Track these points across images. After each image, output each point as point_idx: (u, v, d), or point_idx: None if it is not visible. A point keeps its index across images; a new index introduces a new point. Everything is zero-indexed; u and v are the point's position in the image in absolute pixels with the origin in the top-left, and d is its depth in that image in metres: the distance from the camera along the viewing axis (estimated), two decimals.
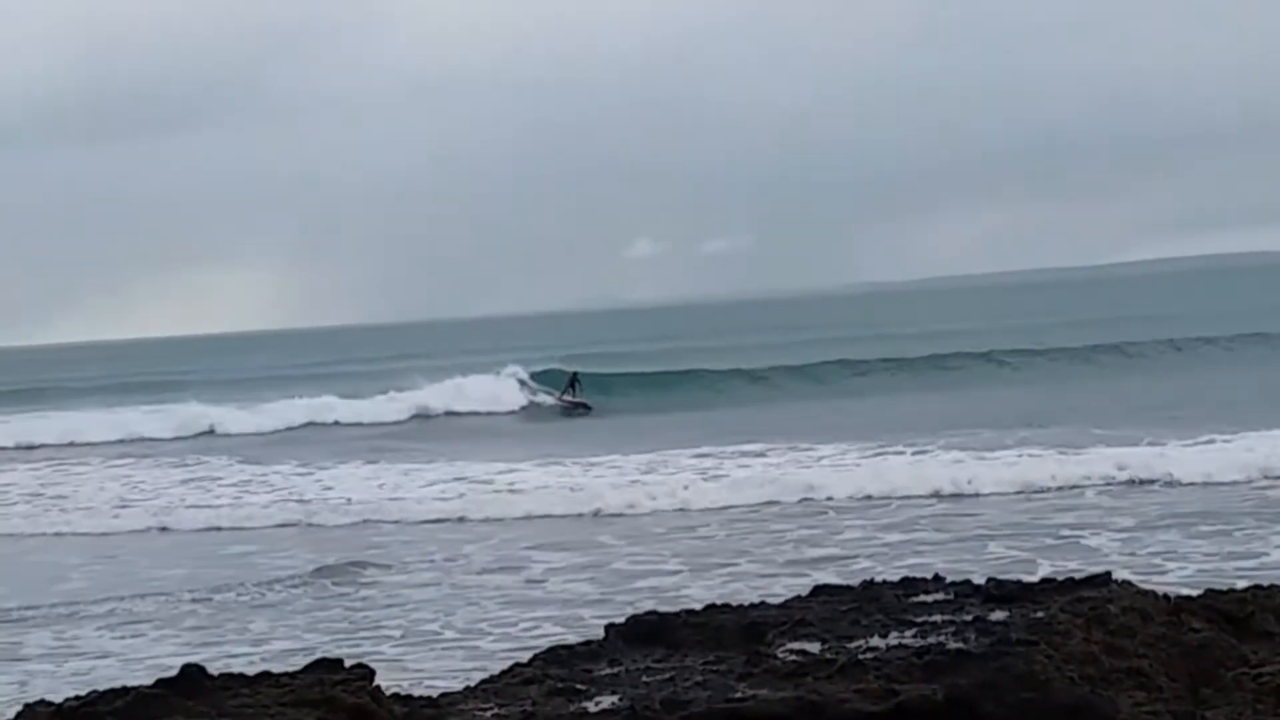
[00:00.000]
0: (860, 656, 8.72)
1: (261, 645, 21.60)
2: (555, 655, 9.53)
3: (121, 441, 60.15)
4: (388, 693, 9.22)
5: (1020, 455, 35.08)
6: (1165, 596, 9.78)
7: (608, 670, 9.15)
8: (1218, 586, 10.68)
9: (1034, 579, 10.28)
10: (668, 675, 8.89)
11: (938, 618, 9.28)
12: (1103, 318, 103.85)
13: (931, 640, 8.86)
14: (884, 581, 10.30)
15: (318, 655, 9.65)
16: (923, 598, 9.82)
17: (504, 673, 9.27)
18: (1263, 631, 9.48)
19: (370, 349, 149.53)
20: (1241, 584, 10.75)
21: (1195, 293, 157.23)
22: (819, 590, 10.29)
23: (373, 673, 9.19)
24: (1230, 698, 8.62)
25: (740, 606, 10.13)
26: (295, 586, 25.88)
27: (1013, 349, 72.65)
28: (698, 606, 10.26)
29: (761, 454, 39.41)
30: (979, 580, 10.17)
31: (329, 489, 38.87)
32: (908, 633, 9.05)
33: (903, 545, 26.05)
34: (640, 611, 10.21)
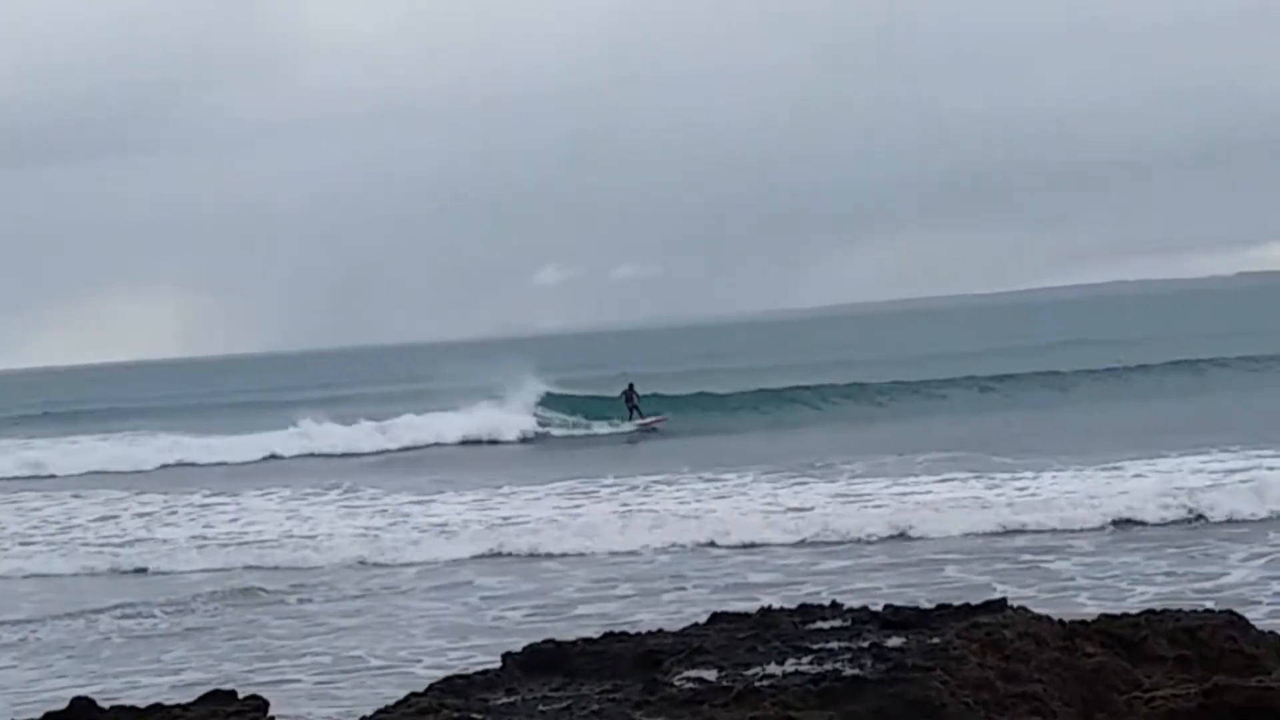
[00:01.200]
0: (757, 684, 8.71)
1: (174, 674, 21.31)
2: (452, 685, 9.47)
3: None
4: None
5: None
6: (1060, 621, 9.84)
7: (504, 699, 9.10)
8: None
9: (930, 606, 10.30)
10: (564, 704, 8.85)
11: (835, 644, 9.29)
12: (1035, 344, 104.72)
13: (828, 667, 8.87)
14: (781, 609, 10.31)
15: (232, 685, 9.56)
16: (820, 624, 9.83)
17: (399, 703, 9.19)
18: (1156, 655, 9.54)
19: (284, 377, 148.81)
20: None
21: (1101, 319, 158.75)
22: (716, 618, 10.28)
23: (266, 704, 9.11)
24: None
25: (638, 634, 10.10)
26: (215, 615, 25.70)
27: (936, 378, 72.23)
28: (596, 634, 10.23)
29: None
30: (876, 608, 10.20)
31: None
32: (804, 660, 9.06)
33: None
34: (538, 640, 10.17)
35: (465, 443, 61.95)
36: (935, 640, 9.08)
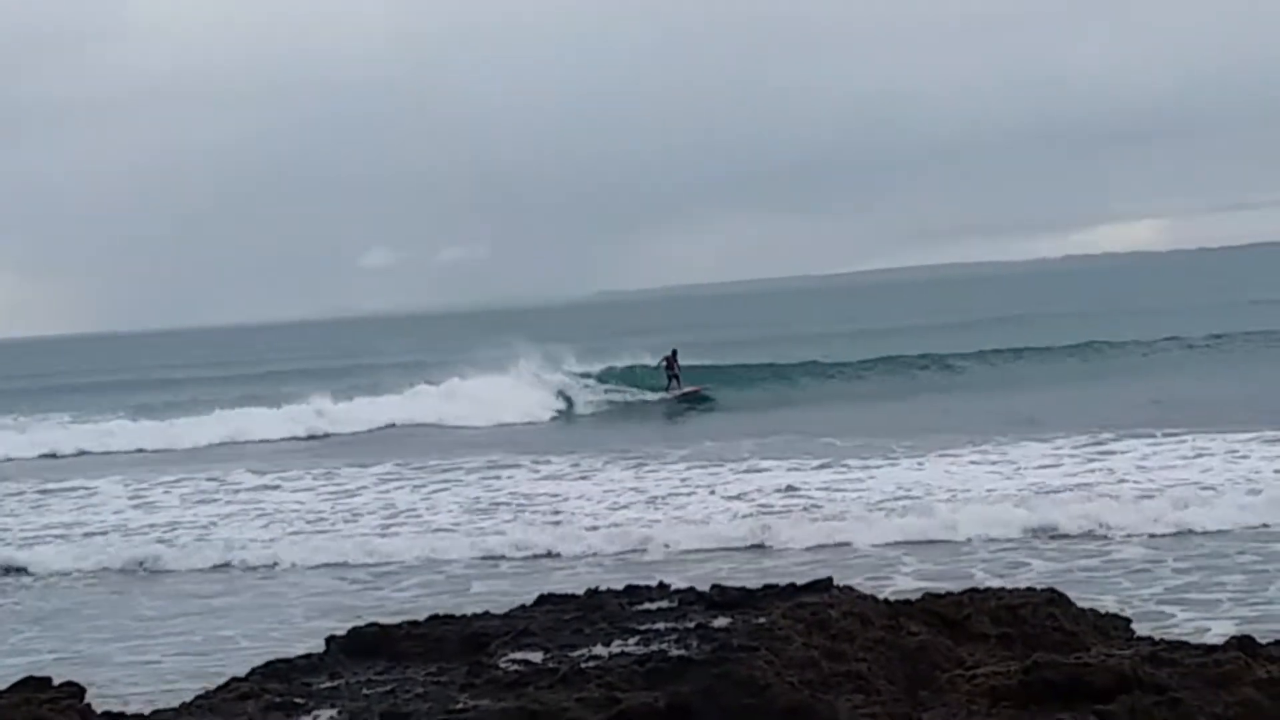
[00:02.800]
0: (583, 665, 8.69)
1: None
2: (274, 669, 9.34)
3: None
4: (99, 710, 8.97)
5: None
6: (885, 600, 9.91)
7: (328, 683, 8.99)
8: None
9: (757, 586, 10.33)
10: (389, 687, 8.76)
11: (661, 625, 9.29)
12: (875, 328, 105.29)
13: (654, 648, 8.86)
14: (608, 590, 10.29)
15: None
16: (647, 606, 9.83)
17: (220, 688, 9.05)
18: (978, 634, 9.65)
19: (108, 359, 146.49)
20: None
21: (928, 302, 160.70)
22: (543, 600, 10.24)
23: (83, 690, 8.92)
24: (946, 699, 8.74)
25: (463, 617, 10.03)
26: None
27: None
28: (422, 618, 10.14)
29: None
30: (703, 589, 10.21)
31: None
32: (631, 640, 9.05)
33: None
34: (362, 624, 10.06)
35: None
36: (761, 620, 9.10)
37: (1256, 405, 41.20)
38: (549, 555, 26.33)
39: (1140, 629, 10.36)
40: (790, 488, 31.24)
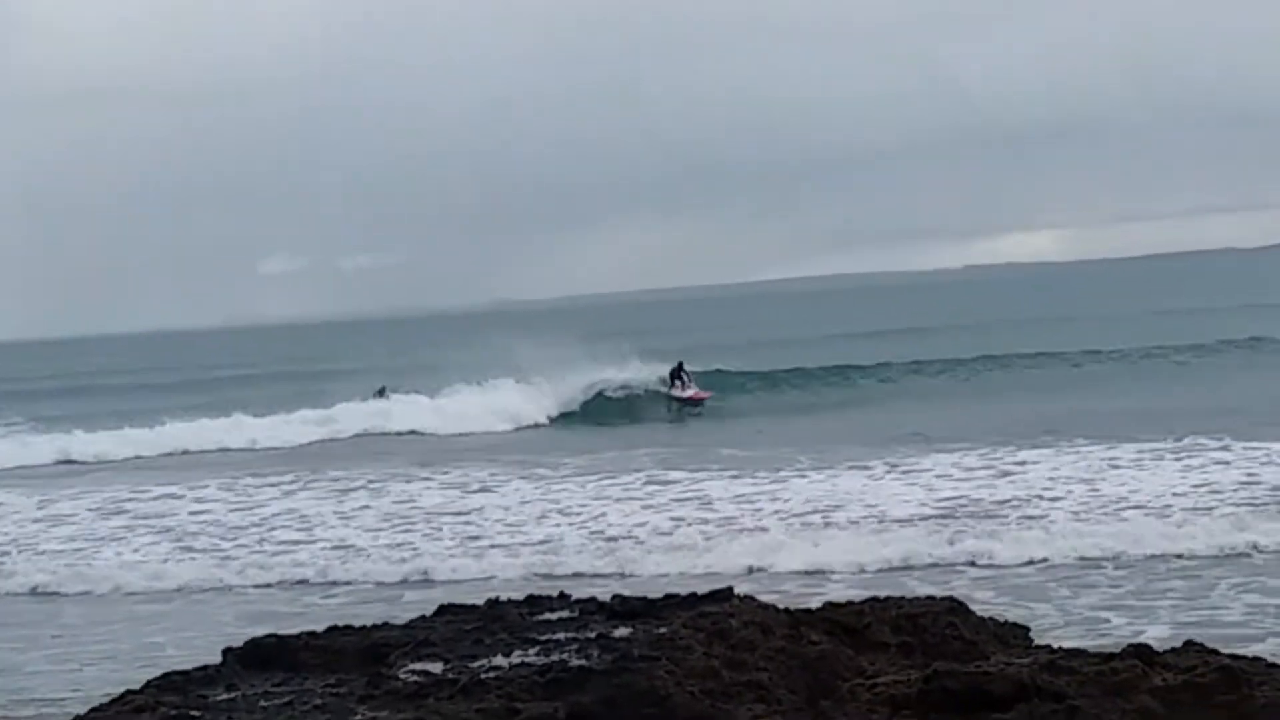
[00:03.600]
0: (483, 676, 8.63)
1: None
2: (170, 681, 9.22)
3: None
4: None
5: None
6: (786, 610, 9.92)
7: (224, 695, 8.89)
8: None
9: (658, 596, 10.31)
10: (286, 699, 8.67)
11: (562, 635, 9.25)
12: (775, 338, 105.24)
13: (555, 658, 8.82)
14: (509, 600, 10.23)
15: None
16: (548, 616, 9.78)
17: (114, 700, 8.92)
18: (879, 642, 9.68)
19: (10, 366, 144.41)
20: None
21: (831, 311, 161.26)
22: (443, 610, 10.16)
23: None
24: (847, 708, 8.76)
25: (362, 628, 9.94)
26: None
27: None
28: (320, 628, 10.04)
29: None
30: (605, 598, 10.18)
31: None
32: (531, 651, 9.00)
33: None
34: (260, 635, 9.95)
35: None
36: (662, 630, 9.09)
37: (1145, 419, 41.27)
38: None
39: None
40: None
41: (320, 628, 9.95)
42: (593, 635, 9.14)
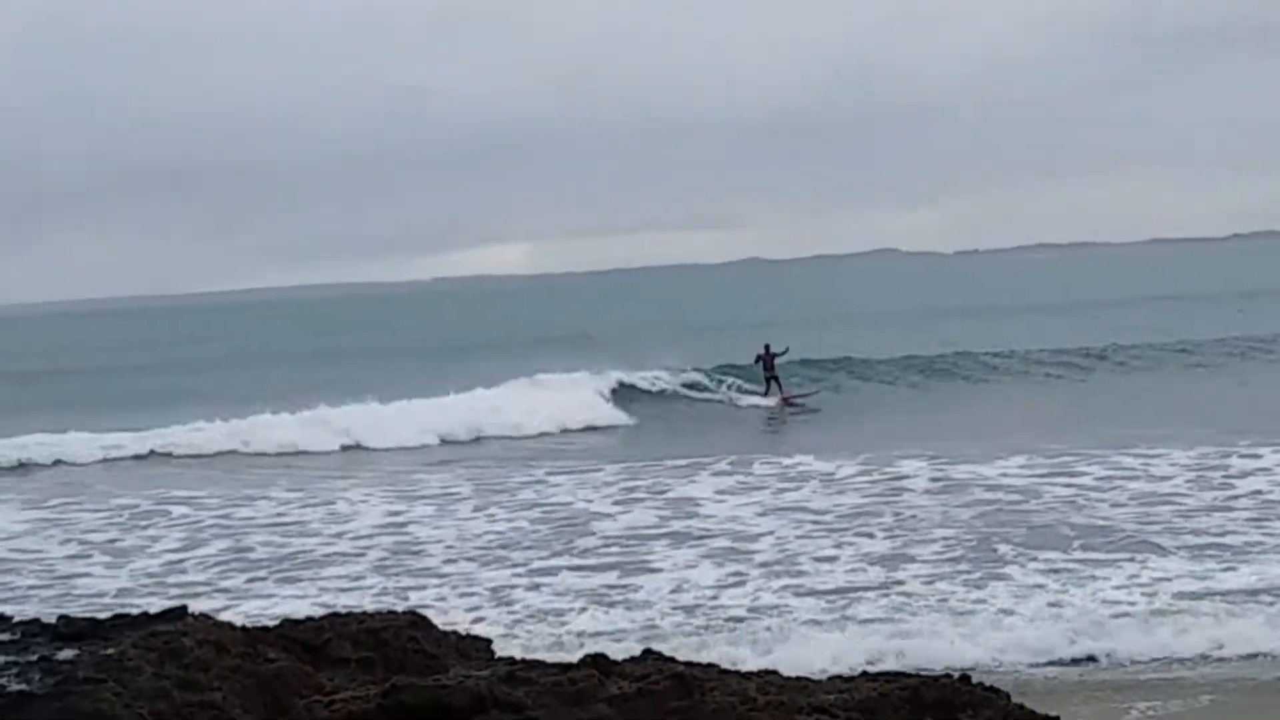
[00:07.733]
0: None
1: None
2: None
3: None
4: None
5: None
6: (243, 628, 9.68)
7: None
8: None
9: (106, 616, 9.89)
10: None
11: (2, 659, 8.75)
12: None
13: None
14: None
15: None
16: None
17: None
18: (339, 658, 9.54)
19: None
20: None
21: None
22: None
23: None
24: None
25: None
26: None
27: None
28: None
29: None
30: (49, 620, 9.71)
31: None
32: None
33: None
34: None
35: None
36: (110, 651, 8.72)
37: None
38: None
39: None
40: None
41: None
42: (34, 658, 8.68)
